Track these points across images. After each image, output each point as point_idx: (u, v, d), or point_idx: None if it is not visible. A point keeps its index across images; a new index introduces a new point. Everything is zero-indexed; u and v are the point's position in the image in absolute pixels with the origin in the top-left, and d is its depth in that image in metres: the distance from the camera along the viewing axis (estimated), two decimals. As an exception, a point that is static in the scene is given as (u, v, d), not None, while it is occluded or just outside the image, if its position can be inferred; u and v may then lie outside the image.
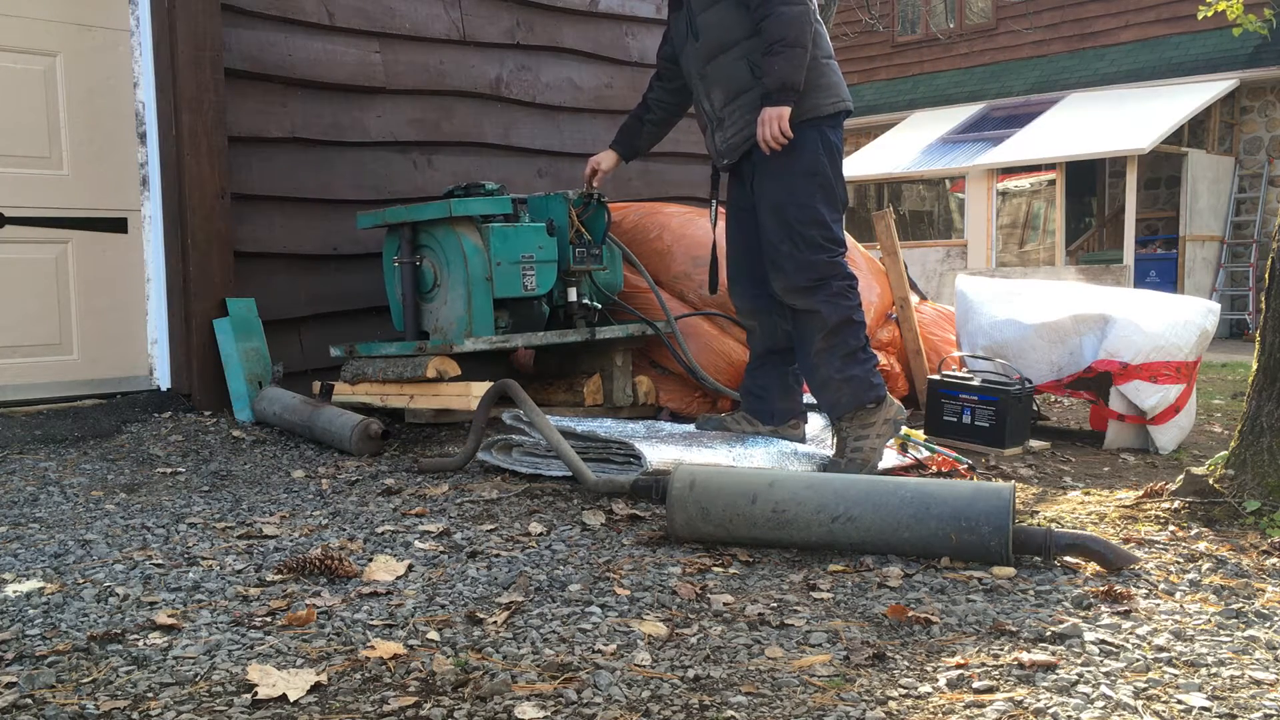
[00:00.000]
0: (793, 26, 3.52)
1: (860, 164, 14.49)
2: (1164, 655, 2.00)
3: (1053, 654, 2.00)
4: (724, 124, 3.76)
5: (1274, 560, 2.60)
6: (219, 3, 4.35)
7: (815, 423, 4.15)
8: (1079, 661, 1.97)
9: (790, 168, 3.63)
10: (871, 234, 6.16)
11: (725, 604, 2.30)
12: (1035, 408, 4.67)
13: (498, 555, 2.64)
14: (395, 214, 4.15)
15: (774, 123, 3.54)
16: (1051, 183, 13.53)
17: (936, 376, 4.47)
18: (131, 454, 3.73)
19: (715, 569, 2.55)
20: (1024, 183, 14.40)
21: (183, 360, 4.41)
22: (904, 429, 4.00)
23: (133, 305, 4.51)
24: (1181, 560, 2.61)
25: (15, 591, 2.34)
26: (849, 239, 5.49)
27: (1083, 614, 2.23)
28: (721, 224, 4.11)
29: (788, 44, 3.52)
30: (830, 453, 3.75)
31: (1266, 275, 3.07)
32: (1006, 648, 2.04)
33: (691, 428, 3.99)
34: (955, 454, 3.95)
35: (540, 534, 2.84)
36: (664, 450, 3.40)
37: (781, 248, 3.65)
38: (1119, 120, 12.50)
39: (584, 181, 4.21)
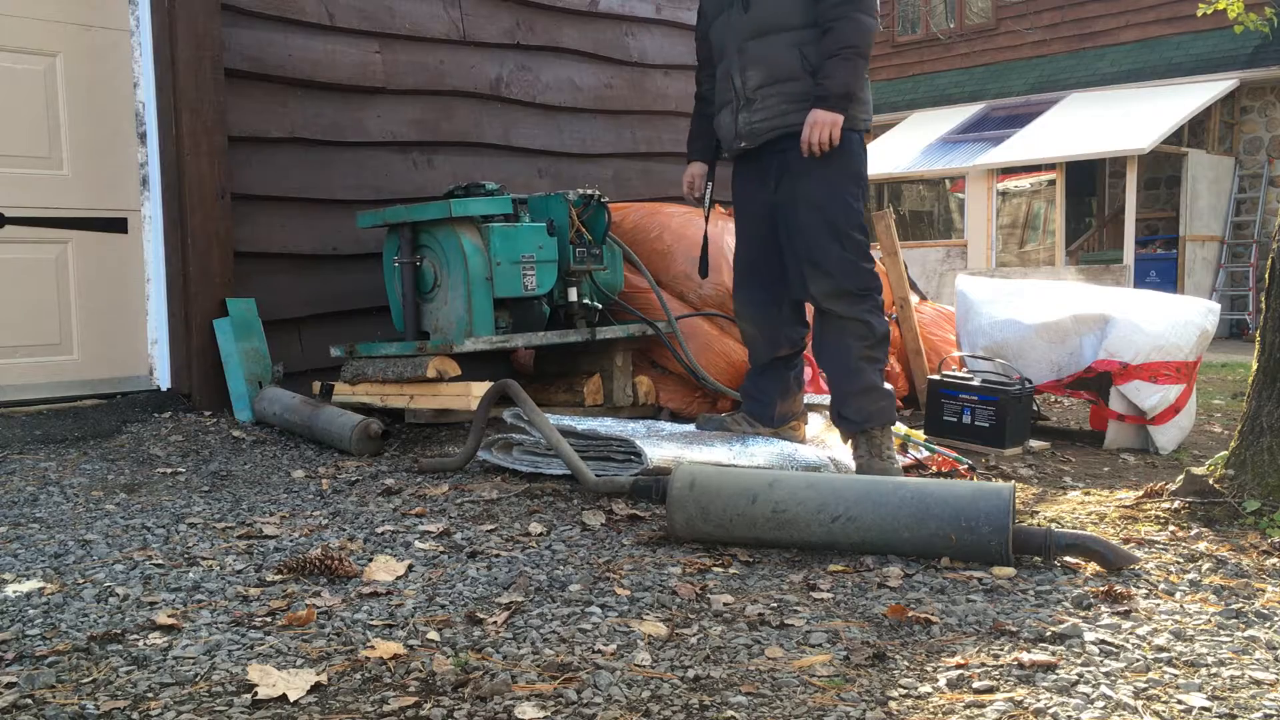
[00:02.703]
0: (866, 36, 3.46)
1: (860, 164, 14.46)
2: (1164, 655, 2.00)
3: (1053, 654, 2.00)
4: (753, 106, 3.60)
5: (1274, 560, 2.60)
6: (219, 3, 4.35)
7: (815, 423, 4.15)
8: (1079, 661, 1.97)
9: (839, 169, 3.53)
10: (871, 234, 6.15)
11: (725, 604, 2.29)
12: (1035, 408, 4.67)
13: (498, 555, 2.64)
14: (395, 214, 4.16)
15: (827, 129, 3.44)
16: (1051, 183, 13.53)
17: (936, 376, 4.47)
18: (131, 454, 3.73)
19: (715, 569, 2.55)
20: (1024, 183, 14.40)
21: (183, 360, 4.41)
22: (904, 429, 4.01)
23: (133, 305, 4.51)
24: (1181, 560, 2.61)
25: (15, 591, 2.34)
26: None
27: (1083, 614, 2.23)
28: (715, 223, 4.10)
29: (859, 53, 3.44)
30: (828, 453, 3.73)
31: (1266, 275, 3.06)
32: (1006, 648, 2.04)
33: (691, 428, 3.99)
34: (955, 454, 3.95)
35: (540, 534, 2.84)
36: (664, 449, 3.40)
37: (830, 250, 3.53)
38: (1119, 120, 12.50)
39: (685, 194, 4.02)
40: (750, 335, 3.89)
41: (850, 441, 3.66)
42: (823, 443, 3.96)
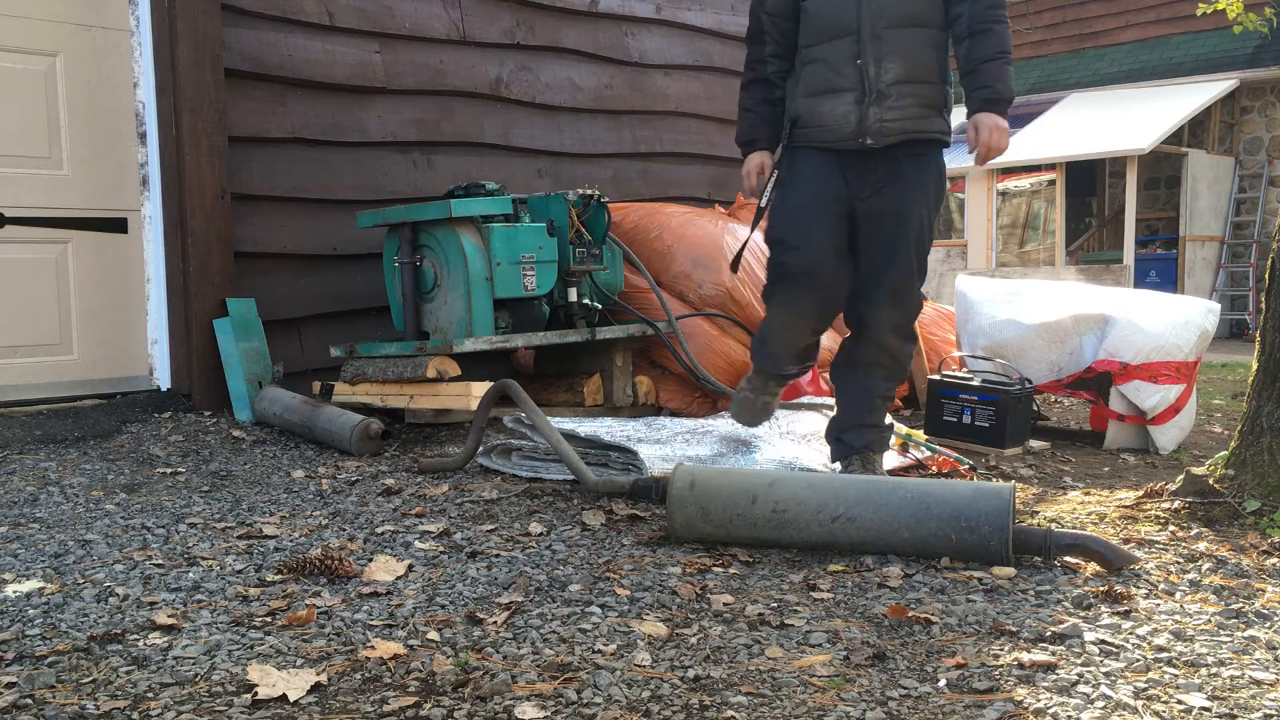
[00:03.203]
0: (1010, 41, 3.31)
1: (860, 164, 14.46)
2: (1164, 655, 2.00)
3: (1053, 654, 2.00)
4: (885, 101, 3.27)
5: (1274, 560, 2.60)
6: (219, 3, 4.36)
7: (815, 422, 4.14)
8: (1079, 661, 1.97)
9: (937, 196, 3.35)
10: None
11: (725, 604, 2.29)
12: (1035, 408, 4.67)
13: (498, 555, 2.64)
14: (395, 214, 4.16)
15: (1004, 135, 3.22)
16: (1051, 183, 13.53)
17: (936, 376, 4.47)
18: (131, 454, 3.73)
19: (715, 569, 2.55)
20: (1024, 183, 14.39)
21: (183, 360, 4.41)
22: (904, 429, 4.00)
23: (133, 305, 4.51)
24: (1181, 560, 2.61)
25: (15, 591, 2.34)
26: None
27: (1083, 614, 2.23)
28: (714, 222, 4.08)
29: (1011, 58, 3.28)
30: (829, 460, 3.72)
31: (1266, 275, 3.06)
32: (1006, 648, 2.04)
33: (690, 425, 3.98)
34: (956, 454, 3.94)
35: (540, 534, 2.84)
36: (663, 456, 3.40)
37: (913, 285, 3.33)
38: (1119, 120, 12.51)
39: (750, 188, 3.58)
40: (783, 345, 3.48)
41: (842, 462, 3.52)
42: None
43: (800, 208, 3.37)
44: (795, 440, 3.92)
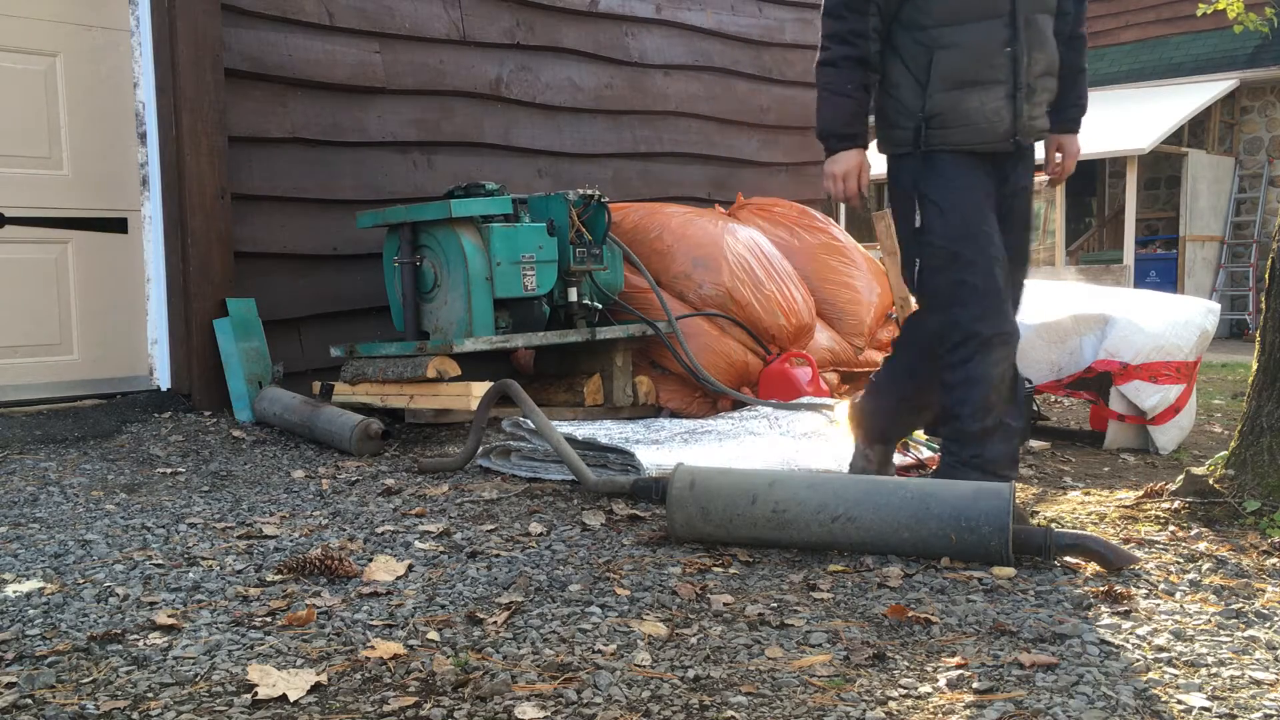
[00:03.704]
0: None
1: (860, 164, 14.45)
2: (1164, 655, 2.00)
3: (1053, 654, 2.00)
4: (1034, 96, 2.94)
5: (1274, 560, 2.60)
6: (219, 3, 4.36)
7: (814, 421, 4.14)
8: (1079, 661, 1.97)
9: None
10: (871, 234, 6.17)
11: (725, 604, 2.29)
12: (1035, 408, 4.67)
13: (498, 555, 2.65)
14: (395, 214, 4.16)
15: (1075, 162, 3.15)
16: (1051, 182, 13.52)
17: (936, 376, 4.46)
18: (131, 454, 3.73)
19: (715, 569, 2.55)
20: (1024, 183, 14.37)
21: (183, 360, 4.41)
22: (904, 429, 3.99)
23: (133, 305, 4.51)
24: (1181, 560, 2.61)
25: (15, 591, 2.34)
26: (849, 239, 5.50)
27: (1083, 614, 2.23)
28: (715, 222, 4.06)
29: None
30: (829, 452, 3.72)
31: (1266, 275, 3.06)
32: (1006, 648, 2.04)
33: (689, 425, 3.97)
34: (955, 454, 3.93)
35: (540, 534, 2.84)
36: (661, 457, 3.40)
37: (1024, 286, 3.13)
38: (1119, 120, 12.50)
39: (847, 193, 3.01)
40: (1006, 387, 2.96)
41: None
42: (824, 436, 3.95)
43: (976, 218, 2.91)
44: (794, 439, 3.92)
